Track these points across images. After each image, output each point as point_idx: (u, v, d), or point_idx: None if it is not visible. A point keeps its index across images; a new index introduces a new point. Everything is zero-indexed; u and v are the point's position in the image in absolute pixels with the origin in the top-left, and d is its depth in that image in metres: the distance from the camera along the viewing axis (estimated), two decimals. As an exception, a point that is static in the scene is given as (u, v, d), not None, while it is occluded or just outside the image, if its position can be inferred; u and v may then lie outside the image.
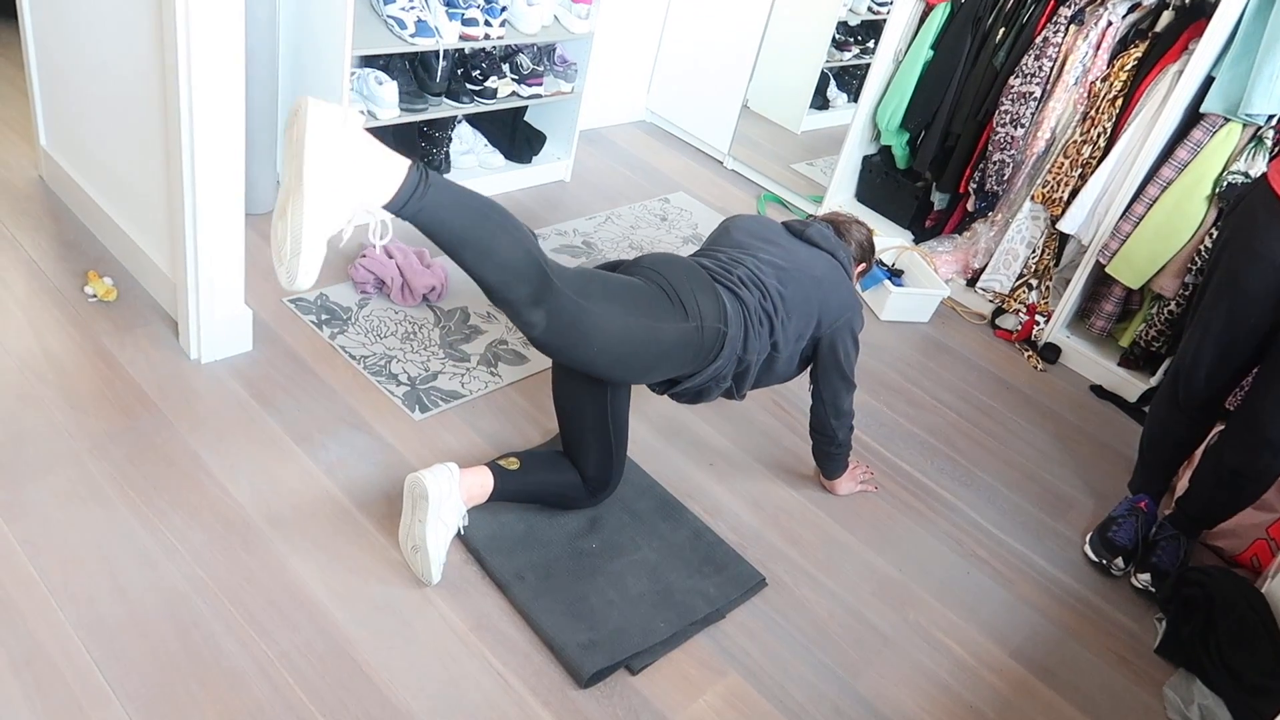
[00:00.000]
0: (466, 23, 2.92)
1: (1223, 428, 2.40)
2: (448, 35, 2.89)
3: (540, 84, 3.28)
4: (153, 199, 2.29)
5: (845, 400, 2.18)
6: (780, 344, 2.02)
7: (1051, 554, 2.40)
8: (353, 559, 1.90)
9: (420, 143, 3.17)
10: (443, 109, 3.06)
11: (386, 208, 1.51)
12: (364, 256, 2.70)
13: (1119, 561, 2.35)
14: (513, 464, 2.01)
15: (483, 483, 1.94)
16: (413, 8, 2.83)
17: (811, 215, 2.37)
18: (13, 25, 2.79)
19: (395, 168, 1.50)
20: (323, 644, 1.72)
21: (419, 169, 1.53)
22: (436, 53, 2.97)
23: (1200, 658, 2.09)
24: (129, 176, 2.38)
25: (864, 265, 2.36)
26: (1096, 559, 2.38)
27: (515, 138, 3.47)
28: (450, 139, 3.26)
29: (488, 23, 2.97)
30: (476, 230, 1.59)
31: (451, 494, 1.86)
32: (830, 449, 2.27)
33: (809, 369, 2.18)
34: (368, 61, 2.93)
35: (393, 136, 3.13)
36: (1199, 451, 2.47)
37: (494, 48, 3.19)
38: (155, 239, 2.37)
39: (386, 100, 2.86)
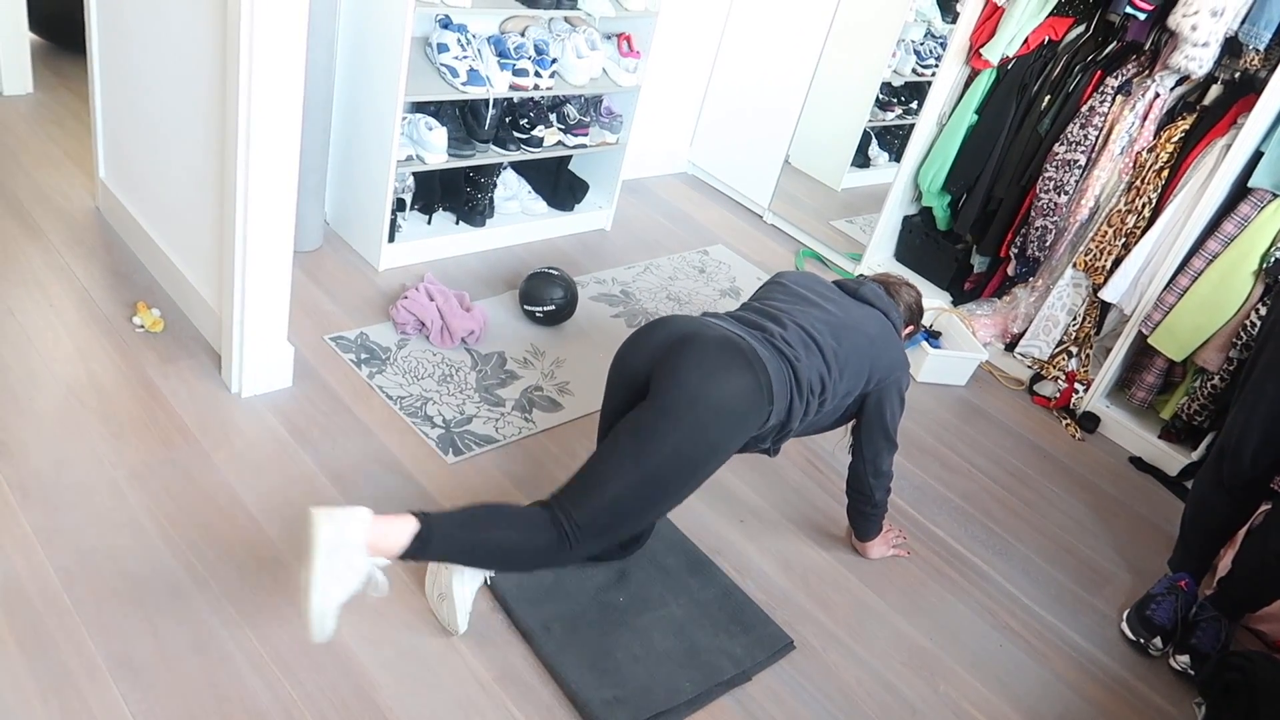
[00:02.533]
0: (517, 73, 2.98)
1: (1269, 508, 2.34)
2: (498, 85, 2.95)
3: (586, 134, 3.33)
4: (203, 234, 2.34)
5: (886, 460, 2.16)
6: (828, 400, 2.01)
7: (1087, 630, 2.35)
8: (380, 602, 1.89)
9: (466, 188, 3.22)
10: (489, 156, 3.11)
11: (394, 558, 1.68)
12: (405, 298, 2.73)
13: (1157, 641, 2.29)
14: None
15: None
16: (465, 57, 2.89)
17: (861, 275, 2.37)
18: (81, 61, 2.89)
19: (398, 538, 1.66)
20: (346, 687, 1.72)
21: (422, 533, 1.67)
22: (486, 101, 3.03)
23: (1241, 747, 2.02)
24: (182, 211, 2.44)
25: (912, 328, 2.35)
26: (1134, 637, 2.32)
27: (559, 186, 3.52)
28: (495, 185, 3.31)
29: (538, 74, 3.03)
30: (474, 562, 1.81)
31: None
32: (866, 508, 2.25)
33: (851, 425, 2.17)
34: (419, 107, 2.99)
35: (439, 180, 3.19)
36: (1243, 531, 2.41)
37: (542, 98, 3.25)
38: (204, 273, 2.41)
39: (435, 145, 2.91)
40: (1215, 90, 2.99)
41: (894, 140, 4.26)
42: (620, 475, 1.79)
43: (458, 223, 3.25)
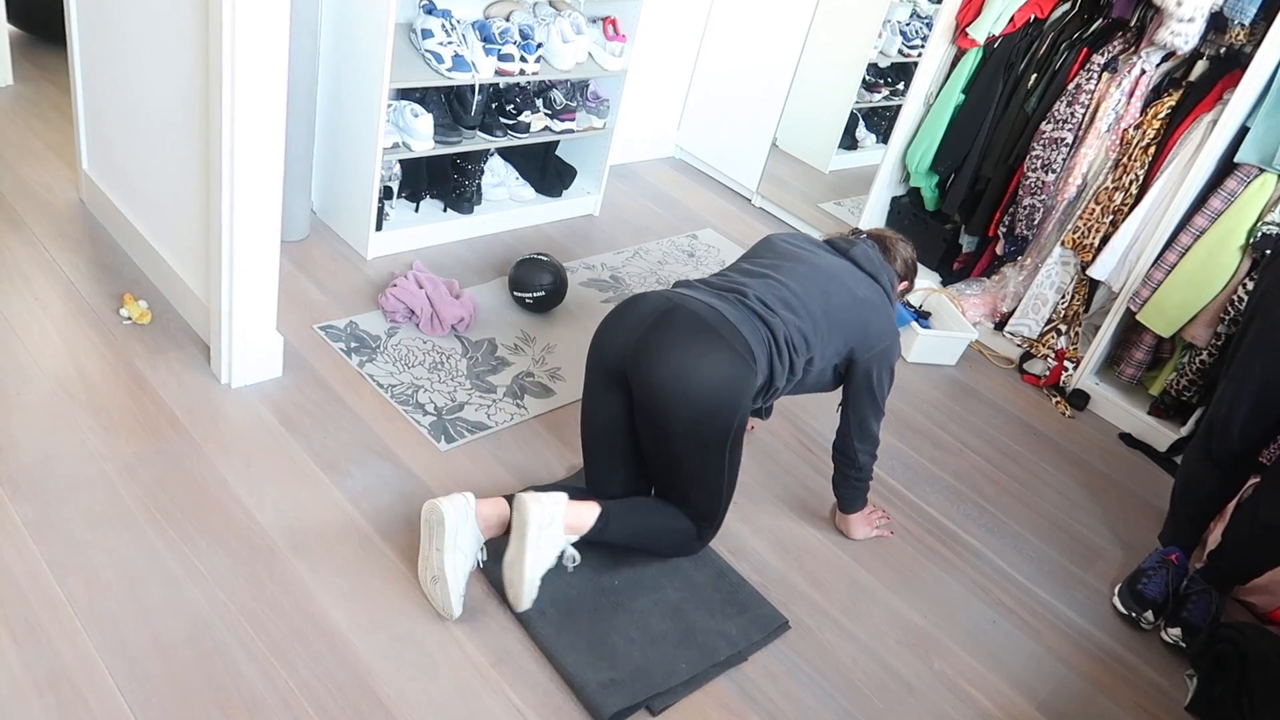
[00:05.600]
0: (503, 58, 2.97)
1: (1257, 481, 2.36)
2: (484, 70, 2.93)
3: (573, 119, 3.32)
4: (190, 225, 2.33)
5: (872, 424, 2.17)
6: (816, 359, 2.03)
7: (1079, 605, 2.36)
8: (375, 589, 1.90)
9: (453, 174, 3.20)
10: (476, 142, 3.10)
11: (582, 535, 1.93)
12: (394, 286, 2.72)
13: (1149, 615, 2.31)
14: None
15: (499, 513, 1.93)
16: (450, 43, 2.87)
17: (857, 229, 2.36)
18: (61, 52, 2.86)
19: (587, 518, 1.93)
20: (343, 674, 1.72)
21: (603, 517, 1.94)
22: (472, 87, 3.01)
23: (1233, 717, 2.04)
24: (167, 202, 2.42)
25: (906, 284, 2.35)
26: (1126, 611, 2.34)
27: (546, 171, 3.51)
28: (483, 171, 3.29)
29: (523, 59, 3.01)
30: (634, 546, 2.07)
31: (468, 521, 1.86)
32: (851, 473, 2.24)
33: (841, 388, 2.18)
34: (404, 94, 2.97)
35: (426, 167, 3.18)
36: (1232, 505, 2.43)
37: (528, 83, 3.23)
38: (190, 264, 2.40)
39: (421, 132, 2.89)
40: (1201, 66, 2.99)
41: (881, 122, 4.25)
42: (685, 489, 2.03)
43: (445, 210, 3.24)
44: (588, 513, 1.94)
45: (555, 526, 1.87)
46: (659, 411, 1.91)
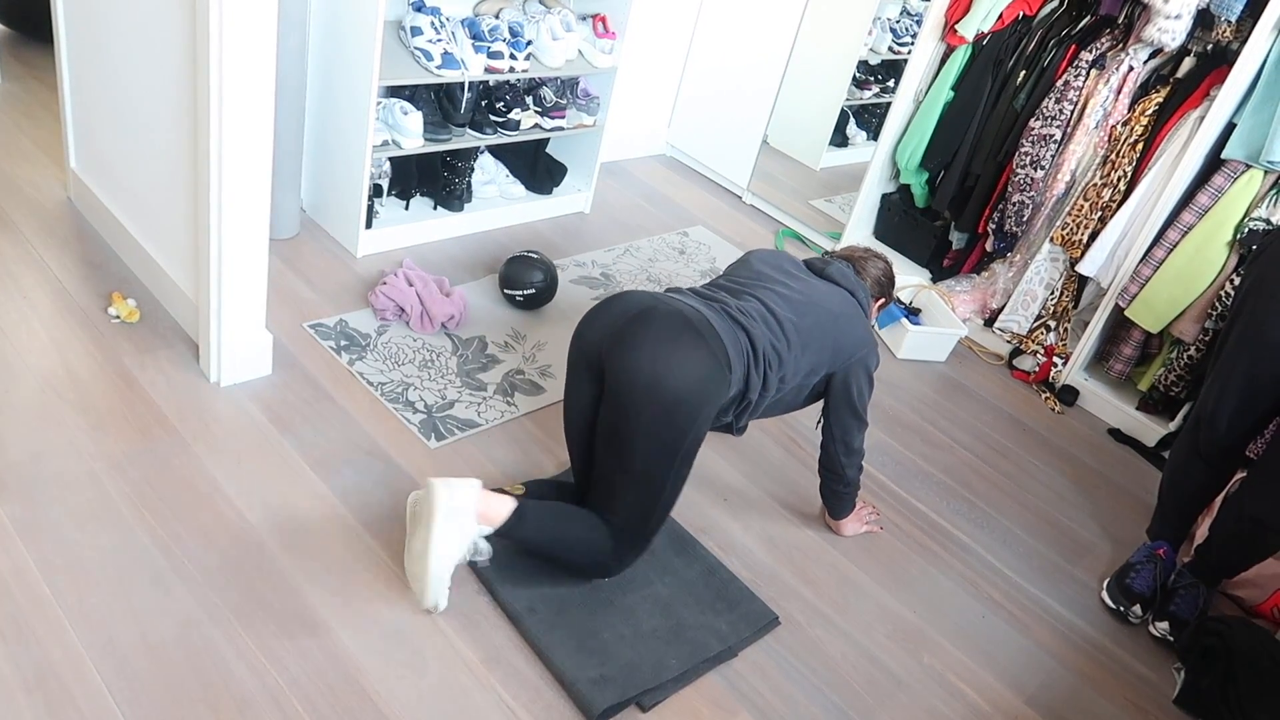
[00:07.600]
0: (492, 56, 2.96)
1: (1244, 476, 2.37)
2: (473, 68, 2.93)
3: (563, 116, 3.32)
4: (178, 222, 2.32)
5: (856, 438, 2.17)
6: (788, 376, 2.02)
7: (1068, 599, 2.37)
8: (366, 586, 1.90)
9: (443, 172, 3.20)
10: (466, 140, 3.09)
11: (495, 527, 1.85)
12: (384, 284, 2.72)
13: (1136, 609, 2.32)
14: (518, 489, 2.02)
15: (497, 507, 1.89)
16: (439, 40, 2.87)
17: (830, 251, 2.38)
18: (49, 50, 2.85)
19: (500, 510, 1.84)
20: (333, 673, 1.72)
21: (518, 512, 1.86)
22: (461, 84, 3.01)
23: (1220, 710, 2.05)
24: (155, 200, 2.41)
25: (883, 300, 2.36)
26: (1114, 606, 2.35)
27: (537, 169, 3.50)
28: (473, 169, 3.29)
29: (513, 56, 3.01)
30: (550, 552, 1.98)
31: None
32: (839, 487, 2.26)
33: (821, 403, 2.18)
34: (394, 92, 2.97)
35: (416, 165, 3.17)
36: (1219, 499, 2.44)
37: (518, 80, 3.23)
38: (179, 262, 2.39)
39: (411, 130, 2.89)
40: (1188, 62, 3.00)
41: (871, 119, 4.26)
42: (620, 488, 1.92)
43: (435, 208, 3.24)
44: (502, 505, 1.85)
45: (464, 515, 1.79)
46: (626, 399, 1.84)
